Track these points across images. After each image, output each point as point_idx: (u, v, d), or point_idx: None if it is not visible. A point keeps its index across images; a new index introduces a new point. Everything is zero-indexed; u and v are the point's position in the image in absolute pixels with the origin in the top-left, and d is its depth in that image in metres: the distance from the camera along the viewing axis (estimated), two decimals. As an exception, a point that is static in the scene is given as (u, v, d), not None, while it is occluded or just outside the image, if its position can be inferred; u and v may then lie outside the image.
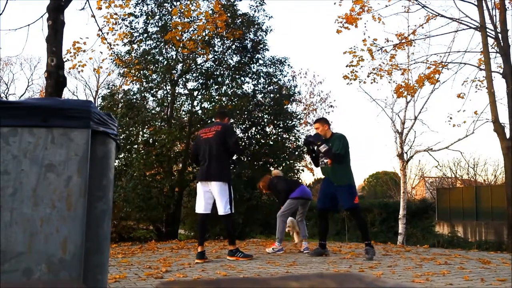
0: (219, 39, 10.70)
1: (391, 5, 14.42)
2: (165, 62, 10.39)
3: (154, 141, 9.85)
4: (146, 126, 10.29)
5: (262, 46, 10.85)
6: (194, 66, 10.62)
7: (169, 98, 10.50)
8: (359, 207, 5.15)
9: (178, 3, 10.43)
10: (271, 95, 10.98)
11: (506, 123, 10.12)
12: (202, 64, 10.78)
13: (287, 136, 11.08)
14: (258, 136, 10.62)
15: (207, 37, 10.15)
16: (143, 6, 10.49)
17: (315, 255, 5.22)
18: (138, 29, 10.52)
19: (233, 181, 8.94)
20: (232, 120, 9.66)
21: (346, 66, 11.92)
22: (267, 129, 10.99)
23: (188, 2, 9.99)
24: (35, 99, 1.80)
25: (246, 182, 9.61)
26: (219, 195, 4.86)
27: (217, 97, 10.07)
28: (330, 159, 5.07)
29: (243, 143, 10.13)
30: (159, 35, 10.33)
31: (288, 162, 10.42)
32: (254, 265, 4.54)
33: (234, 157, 5.23)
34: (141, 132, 10.43)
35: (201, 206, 4.98)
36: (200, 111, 10.27)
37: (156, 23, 10.53)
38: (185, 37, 10.00)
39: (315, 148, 5.18)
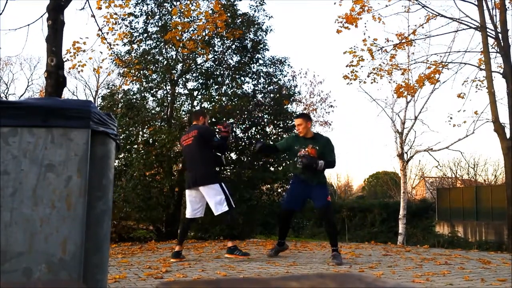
0: (219, 39, 10.69)
1: (391, 5, 14.40)
2: (165, 62, 10.38)
3: (154, 141, 9.84)
4: (146, 126, 10.27)
5: (262, 46, 10.84)
6: (194, 66, 10.61)
7: (169, 98, 10.49)
8: (330, 205, 4.95)
9: (178, 3, 10.42)
10: (271, 95, 10.97)
11: (506, 123, 10.11)
12: (202, 64, 10.77)
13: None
14: (258, 136, 10.62)
15: (207, 37, 10.13)
16: (143, 6, 10.48)
17: (275, 254, 5.14)
18: (138, 29, 10.51)
19: (233, 181, 9.00)
20: (232, 120, 9.64)
21: (346, 66, 11.93)
22: (267, 129, 10.98)
23: (188, 2, 9.98)
24: (35, 99, 1.80)
25: (246, 182, 9.61)
26: (210, 197, 4.91)
27: (217, 97, 10.06)
28: (326, 168, 4.91)
29: (243, 143, 10.11)
30: (159, 35, 10.32)
31: (288, 162, 10.41)
32: (254, 265, 4.54)
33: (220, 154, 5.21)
34: (141, 132, 10.42)
35: (188, 211, 5.14)
36: (200, 111, 10.26)
37: (156, 23, 10.52)
38: (185, 37, 9.99)
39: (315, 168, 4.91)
